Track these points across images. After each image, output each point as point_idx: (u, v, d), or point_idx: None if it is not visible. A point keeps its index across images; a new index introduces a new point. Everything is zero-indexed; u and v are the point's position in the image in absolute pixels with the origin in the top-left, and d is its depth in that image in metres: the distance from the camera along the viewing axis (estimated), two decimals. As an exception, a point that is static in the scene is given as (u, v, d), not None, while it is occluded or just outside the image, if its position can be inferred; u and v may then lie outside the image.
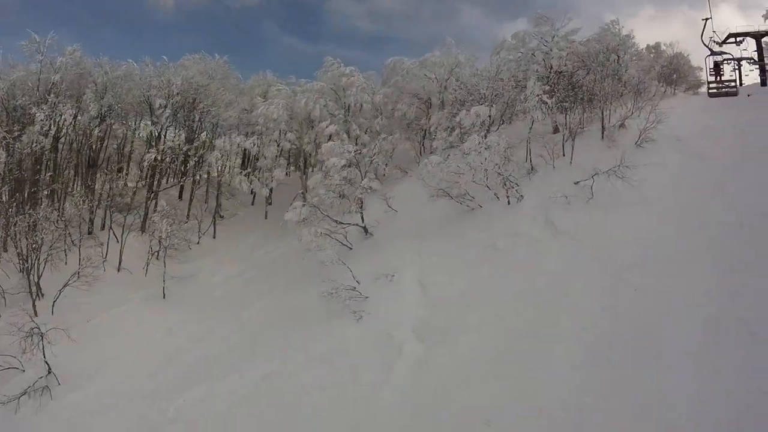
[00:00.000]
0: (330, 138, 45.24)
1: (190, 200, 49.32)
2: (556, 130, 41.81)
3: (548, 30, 45.61)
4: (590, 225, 27.70)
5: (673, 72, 56.53)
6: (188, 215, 47.38)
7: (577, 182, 31.84)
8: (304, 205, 36.37)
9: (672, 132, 37.87)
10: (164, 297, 35.64)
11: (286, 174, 54.86)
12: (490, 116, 39.01)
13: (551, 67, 44.07)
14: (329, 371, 22.46)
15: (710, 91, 47.19)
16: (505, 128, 42.65)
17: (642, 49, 54.53)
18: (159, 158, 45.81)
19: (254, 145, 49.85)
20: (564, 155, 37.41)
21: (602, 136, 39.60)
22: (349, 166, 37.67)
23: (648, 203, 28.31)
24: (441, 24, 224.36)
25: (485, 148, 32.23)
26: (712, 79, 47.61)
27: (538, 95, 36.82)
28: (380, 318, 25.50)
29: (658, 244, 24.59)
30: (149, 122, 49.77)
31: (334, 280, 27.68)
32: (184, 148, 48.98)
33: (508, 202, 33.13)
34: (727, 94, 45.59)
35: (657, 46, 59.72)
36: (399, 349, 22.80)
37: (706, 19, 46.73)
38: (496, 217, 31.98)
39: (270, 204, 50.88)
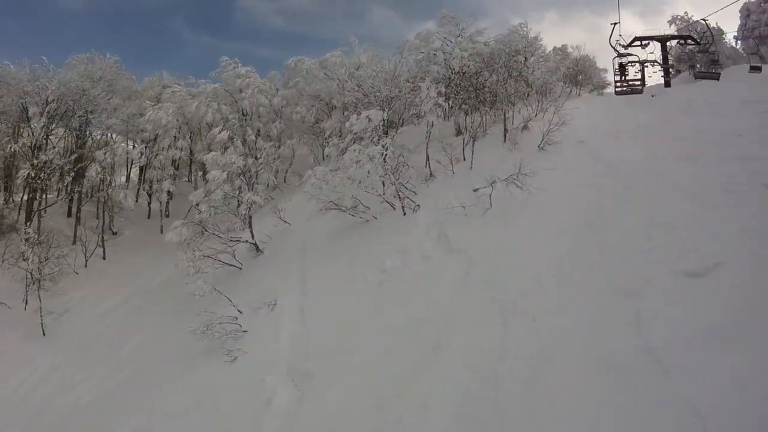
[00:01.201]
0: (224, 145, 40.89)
1: (77, 218, 43.95)
2: (458, 133, 38.81)
3: (452, 30, 42.78)
4: (487, 240, 24.12)
5: (578, 73, 55.14)
6: (75, 236, 42.06)
7: (476, 189, 28.47)
8: (185, 224, 32.48)
9: (575, 134, 35.35)
10: (44, 334, 30.59)
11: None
12: (385, 120, 35.53)
13: (452, 68, 40.91)
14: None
15: (617, 89, 47.09)
16: (405, 131, 39.14)
17: (549, 52, 52.83)
18: (33, 174, 40.30)
19: (141, 154, 44.86)
20: (465, 159, 34.44)
21: (505, 139, 36.70)
22: (239, 176, 33.64)
23: (549, 213, 25.01)
24: (352, 24, 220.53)
25: (369, 159, 28.79)
26: (618, 78, 47.55)
27: (433, 97, 33.24)
28: (255, 358, 21.21)
29: (558, 262, 21.04)
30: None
31: (213, 311, 23.15)
32: (60, 162, 43.31)
33: (404, 213, 29.70)
34: (632, 92, 45.66)
35: (563, 48, 58.39)
36: (269, 400, 18.51)
37: (615, 24, 46.25)
38: (389, 231, 28.36)
39: (167, 216, 46.29)
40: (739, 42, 58.79)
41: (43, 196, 43.62)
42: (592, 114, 41.94)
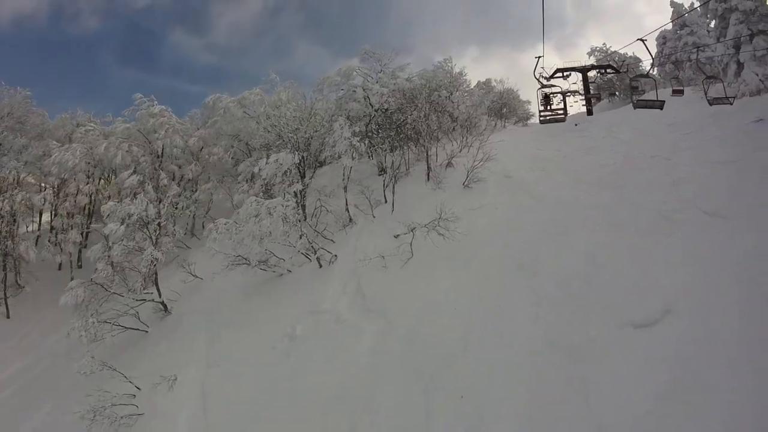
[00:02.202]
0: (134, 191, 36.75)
1: None
2: (382, 171, 35.76)
3: (373, 66, 40.10)
4: (407, 296, 20.89)
5: (503, 106, 53.30)
6: None
7: (397, 236, 25.42)
8: (83, 284, 27.45)
9: (502, 168, 32.90)
10: None
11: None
12: (302, 162, 32.48)
13: (372, 105, 38.04)
14: None
15: (541, 118, 44.69)
16: (326, 171, 35.73)
17: (473, 87, 50.96)
18: None
19: (45, 200, 40.21)
20: (386, 202, 31.28)
21: (428, 178, 33.73)
22: (141, 228, 29.23)
23: (476, 259, 22.15)
24: (280, 60, 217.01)
25: (268, 213, 25.05)
26: (543, 108, 45.16)
27: (347, 138, 30.00)
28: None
29: (488, 318, 18.07)
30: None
31: (107, 390, 18.95)
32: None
33: (320, 266, 26.20)
34: (556, 121, 43.61)
35: (487, 82, 56.50)
36: None
37: (539, 57, 47.22)
38: (303, 287, 24.82)
39: (80, 267, 41.37)
40: (656, 69, 58.50)
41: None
42: (517, 146, 39.89)
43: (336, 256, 26.30)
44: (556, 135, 41.25)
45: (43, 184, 44.30)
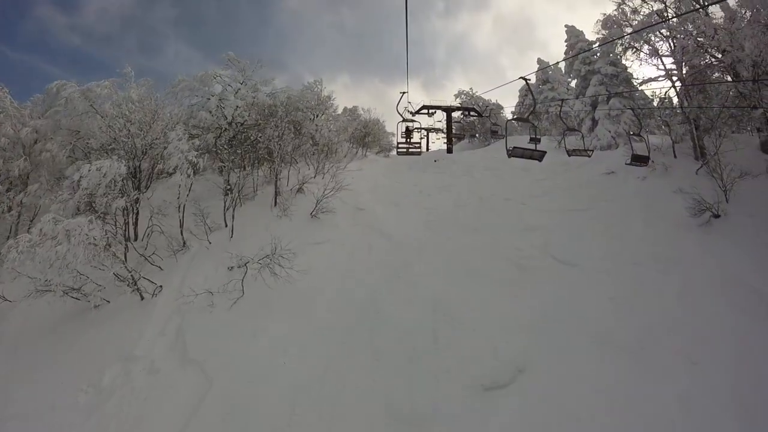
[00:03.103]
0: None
1: None
2: (228, 191, 32.11)
3: (235, 75, 36.53)
4: (232, 346, 17.90)
5: (367, 135, 51.36)
6: None
7: (231, 268, 22.32)
8: None
9: (355, 199, 30.95)
10: None
11: None
12: (136, 173, 28.39)
13: (225, 117, 34.44)
14: None
15: (399, 150, 44.67)
16: (170, 185, 31.07)
17: (340, 113, 48.61)
18: None
19: None
20: (226, 226, 27.75)
21: (275, 203, 30.66)
22: None
23: (313, 304, 19.83)
24: (148, 56, 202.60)
25: (66, 236, 20.33)
26: (402, 140, 44.27)
27: (183, 151, 26.12)
28: None
29: (321, 379, 15.83)
30: None
31: None
32: None
33: (141, 298, 22.05)
34: (412, 153, 41.86)
35: (354, 109, 54.55)
36: None
37: (404, 93, 42.90)
38: (118, 324, 20.43)
39: None
40: (515, 116, 59.80)
41: None
42: (375, 176, 38.22)
43: (161, 287, 22.41)
44: (416, 169, 40.06)
45: None
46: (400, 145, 45.56)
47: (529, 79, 32.05)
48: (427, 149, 52.63)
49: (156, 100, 33.08)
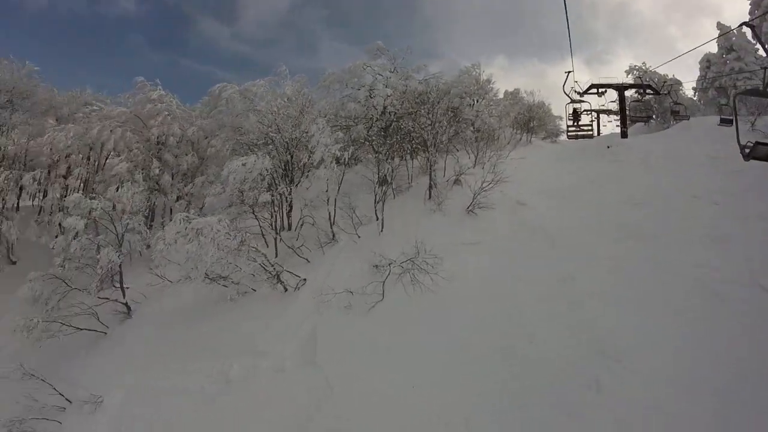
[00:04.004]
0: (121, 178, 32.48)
1: None
2: (383, 182, 29.53)
3: (385, 64, 33.91)
4: (359, 360, 15.93)
5: (530, 119, 46.13)
6: None
7: (377, 266, 20.03)
8: (43, 276, 23.46)
9: (516, 191, 26.82)
10: None
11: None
12: (288, 166, 27.12)
13: (375, 107, 31.74)
14: None
15: (569, 134, 42.30)
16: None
17: (500, 97, 44.11)
18: None
19: (34, 180, 35.21)
20: (377, 219, 25.38)
21: (429, 196, 27.62)
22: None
23: (455, 320, 16.77)
24: (305, 56, 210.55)
25: (196, 234, 19.82)
26: (571, 124, 41.99)
27: (326, 144, 24.03)
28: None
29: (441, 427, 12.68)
30: None
31: (37, 399, 17.28)
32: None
33: (285, 290, 21.12)
34: (584, 137, 41.31)
35: (516, 92, 49.09)
36: None
37: (569, 72, 40.36)
38: (259, 315, 19.88)
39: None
40: (697, 93, 50.86)
41: None
42: (540, 164, 33.64)
43: (305, 280, 21.47)
44: (586, 156, 34.30)
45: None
46: (569, 129, 41.87)
47: (754, 25, 25.10)
48: (598, 133, 45.95)
49: (306, 95, 31.48)
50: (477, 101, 37.57)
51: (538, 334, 15.30)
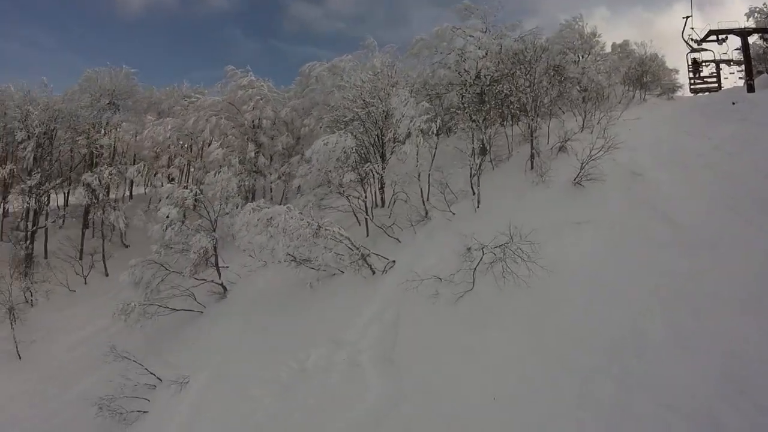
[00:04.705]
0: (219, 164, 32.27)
1: (82, 232, 35.63)
2: (483, 151, 26.63)
3: (475, 24, 30.71)
4: (438, 360, 13.94)
5: (643, 74, 40.74)
6: (81, 251, 34.04)
7: (469, 249, 17.52)
8: (143, 262, 23.99)
9: (630, 159, 22.92)
10: (19, 358, 25.41)
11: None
12: (376, 143, 25.31)
13: (467, 72, 28.63)
14: None
15: (691, 87, 40.17)
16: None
17: (608, 51, 39.29)
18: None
19: (138, 173, 35.93)
20: (473, 194, 22.76)
21: (532, 166, 24.55)
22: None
23: (553, 319, 14.04)
24: (396, 27, 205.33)
25: (266, 224, 18.85)
26: (692, 76, 39.82)
27: (409, 116, 21.53)
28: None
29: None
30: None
31: (130, 378, 18.06)
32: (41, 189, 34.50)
33: (372, 272, 19.72)
34: (708, 90, 38.97)
35: (625, 44, 43.43)
36: None
37: (687, 17, 37.90)
38: (343, 299, 18.88)
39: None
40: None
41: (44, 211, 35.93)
42: (656, 126, 28.88)
43: (393, 262, 19.92)
44: (708, 115, 29.41)
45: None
46: (691, 82, 39.40)
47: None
48: (719, 87, 39.60)
49: (391, 65, 29.01)
50: (582, 57, 33.89)
51: (648, 349, 12.24)
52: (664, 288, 14.17)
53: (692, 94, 40.42)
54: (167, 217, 24.28)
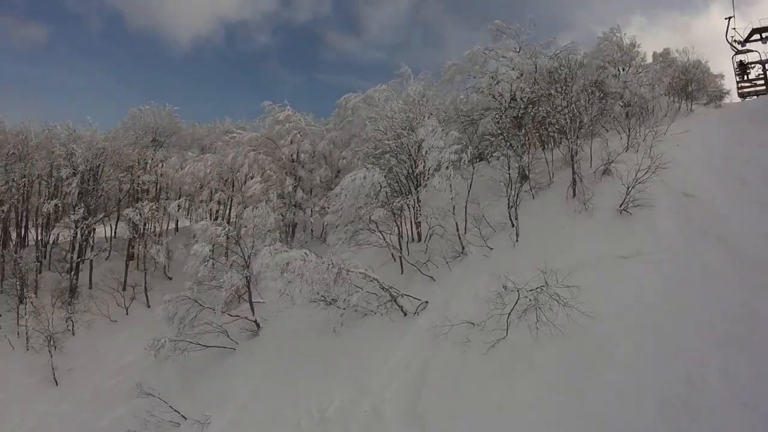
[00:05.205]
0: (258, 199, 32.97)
1: (126, 264, 35.82)
2: (523, 179, 25.06)
3: (508, 44, 29.28)
4: (467, 413, 12.58)
5: (688, 83, 38.28)
6: (125, 282, 34.25)
7: (505, 289, 15.69)
8: (177, 298, 23.43)
9: (682, 178, 21.04)
10: (56, 384, 25.53)
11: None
12: (410, 175, 24.39)
13: (502, 95, 27.16)
14: None
15: (740, 91, 37.89)
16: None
17: (649, 62, 37.08)
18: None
19: (180, 207, 35.80)
20: (512, 226, 21.18)
21: (574, 193, 22.77)
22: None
23: (586, 386, 12.08)
24: (433, 51, 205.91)
25: (281, 272, 17.96)
26: (740, 79, 37.77)
27: (438, 147, 20.29)
28: None
29: None
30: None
31: (153, 414, 17.83)
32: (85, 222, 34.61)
33: (404, 314, 18.50)
34: (756, 93, 36.78)
35: (666, 53, 41.00)
36: None
37: (729, 18, 36.57)
38: (371, 343, 17.66)
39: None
40: None
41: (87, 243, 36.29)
42: (706, 138, 26.65)
43: (426, 303, 18.62)
44: (759, 121, 27.21)
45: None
46: (740, 86, 37.15)
47: None
48: (767, 90, 37.27)
49: (422, 93, 27.69)
50: (623, 70, 32.11)
51: (708, 411, 10.43)
52: (721, 330, 12.35)
53: (740, 99, 38.12)
54: (200, 253, 24.24)
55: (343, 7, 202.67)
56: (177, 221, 43.76)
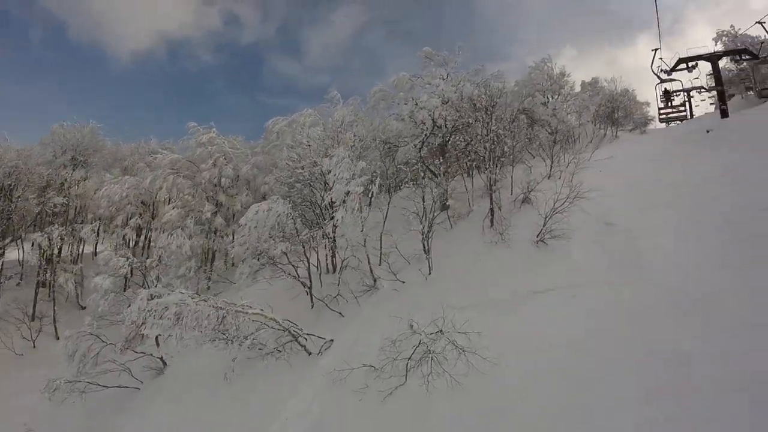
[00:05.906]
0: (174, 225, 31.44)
1: (36, 293, 32.31)
2: (443, 207, 23.54)
3: (435, 72, 27.95)
4: None
5: (614, 110, 38.24)
6: (33, 312, 31.42)
7: (412, 326, 13.90)
8: (77, 334, 20.82)
9: (603, 206, 19.70)
10: None
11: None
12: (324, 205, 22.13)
13: (424, 123, 25.70)
14: None
15: (661, 116, 38.37)
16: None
17: (577, 90, 37.27)
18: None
19: (93, 232, 33.50)
20: (427, 258, 19.42)
21: (491, 223, 21.32)
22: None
23: (487, 428, 10.48)
24: (373, 76, 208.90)
25: (158, 317, 15.28)
26: (663, 106, 38.00)
27: (344, 179, 18.49)
28: None
29: None
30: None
31: None
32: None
33: (308, 353, 16.68)
34: (678, 119, 37.93)
35: (594, 81, 41.29)
36: None
37: (656, 49, 35.75)
38: (273, 386, 15.52)
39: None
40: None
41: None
42: (630, 165, 25.74)
43: (331, 341, 16.99)
44: (683, 145, 26.72)
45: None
46: (661, 111, 37.45)
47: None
48: (691, 116, 37.84)
49: (339, 120, 25.91)
50: (552, 98, 31.43)
51: None
52: (649, 375, 10.51)
53: (664, 125, 38.81)
54: (101, 286, 21.69)
55: (287, 30, 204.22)
56: (95, 245, 40.59)
